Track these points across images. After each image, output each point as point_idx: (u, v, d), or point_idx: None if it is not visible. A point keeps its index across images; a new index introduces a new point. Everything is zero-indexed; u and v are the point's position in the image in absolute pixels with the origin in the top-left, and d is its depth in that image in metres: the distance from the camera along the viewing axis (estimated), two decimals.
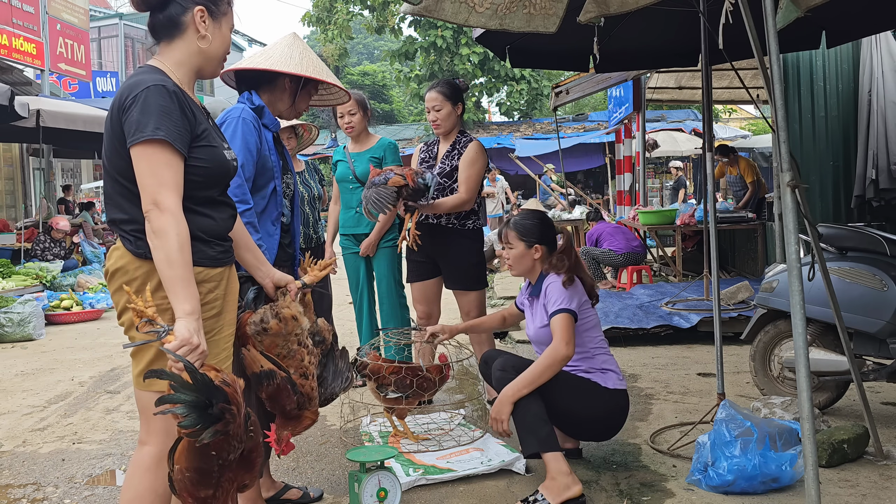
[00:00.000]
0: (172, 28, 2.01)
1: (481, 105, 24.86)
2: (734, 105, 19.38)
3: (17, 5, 13.60)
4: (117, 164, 1.95)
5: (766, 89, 2.35)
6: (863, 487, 2.85)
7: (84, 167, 22.43)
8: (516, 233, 3.19)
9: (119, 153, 1.93)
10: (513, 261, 3.21)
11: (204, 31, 2.02)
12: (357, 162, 4.24)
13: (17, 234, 10.70)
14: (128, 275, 1.94)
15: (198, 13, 2.00)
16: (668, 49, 4.93)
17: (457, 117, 3.91)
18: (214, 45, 2.05)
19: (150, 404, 1.87)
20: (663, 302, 6.22)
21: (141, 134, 1.85)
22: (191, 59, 2.03)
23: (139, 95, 1.88)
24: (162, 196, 1.84)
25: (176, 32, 2.02)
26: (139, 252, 1.93)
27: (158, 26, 2.03)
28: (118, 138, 1.92)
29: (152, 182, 1.85)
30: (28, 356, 6.04)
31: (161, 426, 1.94)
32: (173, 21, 2.01)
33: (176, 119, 1.90)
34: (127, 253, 1.95)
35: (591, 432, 3.09)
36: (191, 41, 2.02)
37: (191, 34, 2.02)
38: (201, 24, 2.01)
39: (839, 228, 3.79)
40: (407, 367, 3.38)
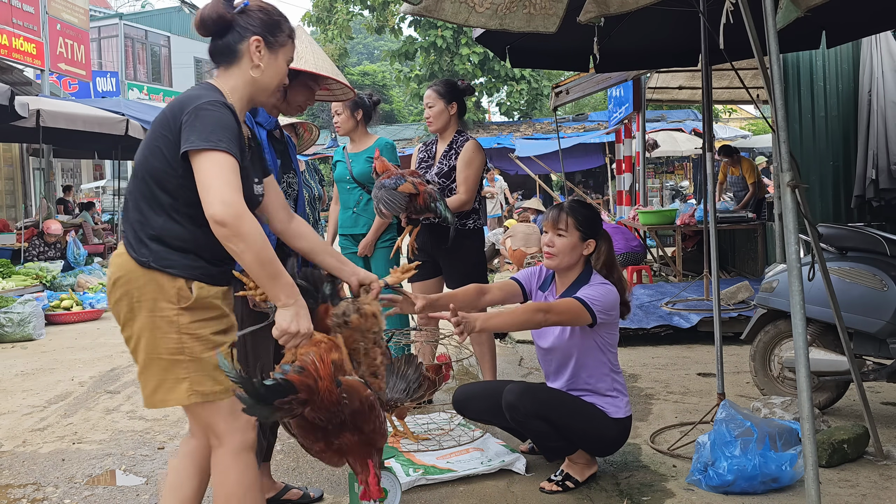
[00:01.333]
0: (229, 55, 2.04)
1: (481, 105, 24.86)
2: (734, 105, 19.39)
3: (17, 5, 13.60)
4: (152, 166, 1.94)
5: (766, 89, 2.35)
6: (863, 487, 2.85)
7: (84, 167, 22.44)
8: (575, 220, 2.87)
9: (160, 155, 1.92)
10: (560, 250, 2.86)
11: (258, 61, 2.03)
12: (354, 162, 4.24)
13: (17, 234, 10.70)
14: (130, 284, 1.94)
15: (254, 42, 2.02)
16: (669, 49, 4.93)
17: (449, 116, 3.90)
18: (267, 75, 2.06)
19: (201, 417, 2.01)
20: (663, 302, 6.22)
21: (208, 141, 1.84)
22: (244, 88, 2.05)
23: (205, 107, 1.89)
24: (233, 198, 1.81)
25: (233, 59, 2.04)
26: (142, 261, 1.92)
27: (217, 52, 2.06)
28: (164, 141, 1.92)
29: (219, 185, 1.82)
30: (28, 356, 6.04)
31: (224, 428, 2.00)
32: (230, 48, 2.03)
33: (236, 141, 1.92)
34: (130, 261, 1.95)
35: (589, 451, 2.99)
36: (245, 70, 2.04)
37: (245, 63, 2.03)
38: (256, 54, 2.03)
39: (839, 228, 3.79)
40: None
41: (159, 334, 1.92)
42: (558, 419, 2.82)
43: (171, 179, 1.92)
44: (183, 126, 1.88)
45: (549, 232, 2.91)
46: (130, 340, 1.98)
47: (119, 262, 1.97)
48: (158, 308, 1.91)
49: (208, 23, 2.02)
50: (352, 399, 2.05)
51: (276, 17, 2.07)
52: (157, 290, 1.91)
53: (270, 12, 2.08)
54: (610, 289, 2.84)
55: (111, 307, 2.01)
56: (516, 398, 2.83)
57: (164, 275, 1.91)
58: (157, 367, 1.94)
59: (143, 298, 1.92)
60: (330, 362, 2.01)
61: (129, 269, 1.94)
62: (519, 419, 2.85)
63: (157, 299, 1.91)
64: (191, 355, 1.93)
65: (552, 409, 2.83)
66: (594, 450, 2.97)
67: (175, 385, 1.94)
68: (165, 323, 1.91)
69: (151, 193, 1.94)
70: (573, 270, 2.91)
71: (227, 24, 2.02)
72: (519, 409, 2.82)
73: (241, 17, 2.03)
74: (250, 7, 2.05)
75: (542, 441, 2.92)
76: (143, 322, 1.93)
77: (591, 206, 3.02)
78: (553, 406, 2.84)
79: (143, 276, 1.92)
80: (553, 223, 2.90)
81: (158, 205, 1.93)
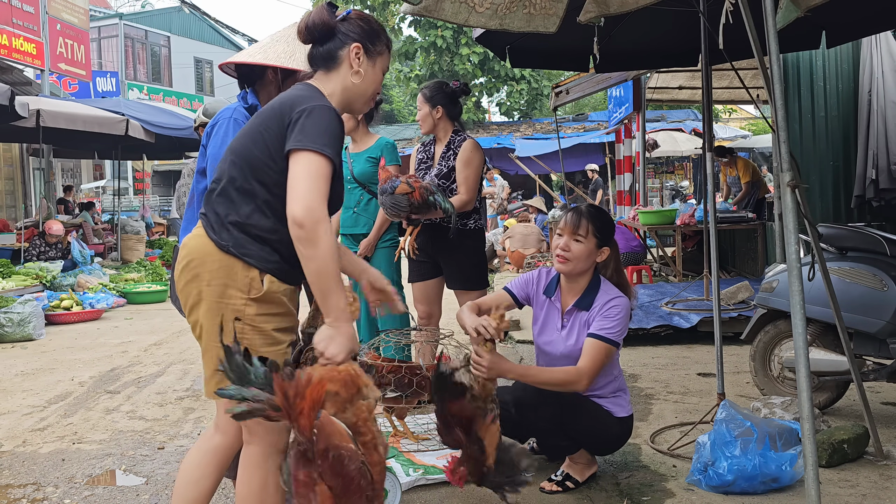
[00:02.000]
0: (330, 61, 2.11)
1: (481, 105, 24.86)
2: (734, 105, 19.39)
3: (17, 5, 13.59)
4: (253, 155, 1.97)
5: (766, 89, 2.35)
6: (863, 487, 2.85)
7: (84, 167, 22.42)
8: (594, 227, 2.80)
9: (263, 147, 1.97)
10: (576, 255, 2.79)
11: (357, 67, 2.10)
12: (355, 162, 4.25)
13: (17, 234, 10.70)
14: (203, 266, 1.95)
15: (354, 49, 2.09)
16: (669, 49, 4.93)
17: (434, 120, 3.89)
18: (366, 82, 2.13)
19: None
20: (663, 302, 6.22)
21: (312, 143, 1.90)
22: (342, 93, 2.11)
23: (315, 109, 1.95)
24: (317, 203, 1.86)
25: (332, 65, 2.11)
26: (222, 244, 1.95)
27: (318, 57, 2.13)
28: (270, 134, 1.96)
29: (307, 188, 1.87)
30: (28, 356, 6.04)
31: (259, 428, 1.99)
32: (331, 54, 2.10)
33: (338, 148, 1.98)
34: (209, 243, 1.96)
35: (592, 449, 2.99)
36: (345, 75, 2.10)
37: (345, 69, 2.10)
38: (356, 60, 2.10)
39: (839, 228, 3.79)
40: (406, 367, 3.38)
41: (224, 322, 1.93)
42: (565, 416, 2.82)
43: (270, 173, 1.96)
44: (293, 123, 1.94)
45: (566, 236, 2.82)
46: (196, 326, 2.00)
47: (194, 245, 1.99)
48: (227, 295, 1.93)
49: (313, 29, 2.10)
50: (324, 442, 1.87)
51: (375, 27, 2.17)
52: (229, 276, 1.93)
53: (371, 22, 2.18)
54: (622, 303, 2.79)
55: (179, 290, 2.01)
56: (524, 392, 2.83)
57: (240, 262, 1.94)
58: (215, 353, 1.93)
59: (213, 283, 1.94)
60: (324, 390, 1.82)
61: (206, 252, 1.95)
62: (526, 413, 2.83)
63: (227, 286, 1.93)
64: (250, 347, 1.91)
65: (560, 405, 2.82)
66: (597, 449, 2.97)
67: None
68: (231, 311, 1.93)
69: (245, 182, 1.97)
70: (583, 277, 2.86)
71: (330, 30, 2.10)
72: (526, 402, 2.82)
73: (343, 25, 2.11)
74: (352, 16, 2.14)
75: (546, 438, 2.91)
76: (208, 307, 1.95)
77: (608, 213, 2.96)
78: (561, 402, 2.83)
79: (219, 259, 1.94)
80: (573, 228, 2.81)
81: (250, 195, 1.96)
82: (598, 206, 3.01)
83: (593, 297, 2.82)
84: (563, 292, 2.92)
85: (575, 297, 2.88)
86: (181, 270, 2.00)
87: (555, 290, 2.94)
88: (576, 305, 2.85)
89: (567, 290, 2.91)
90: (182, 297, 2.02)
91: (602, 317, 2.76)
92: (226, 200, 1.99)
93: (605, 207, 9.51)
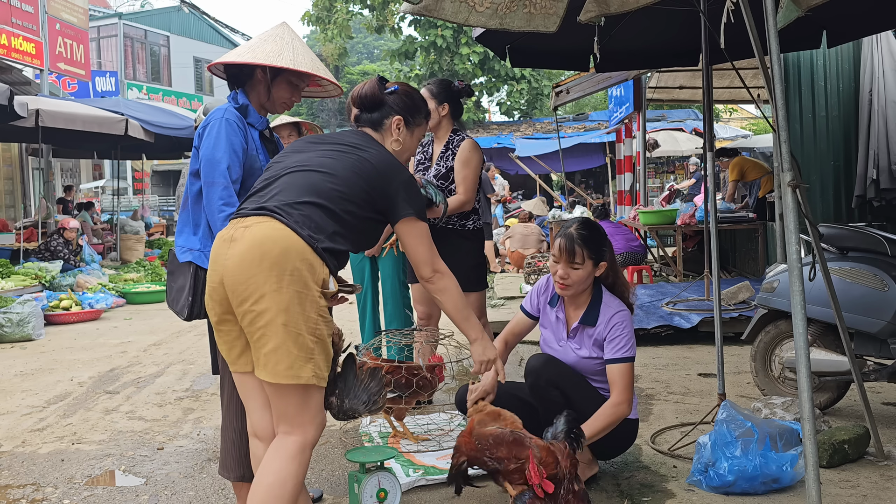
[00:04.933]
0: (376, 125, 2.40)
1: (481, 105, 24.84)
2: (735, 105, 19.36)
3: (17, 5, 13.58)
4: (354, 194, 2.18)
5: (766, 89, 2.34)
6: (863, 488, 2.84)
7: (83, 167, 22.42)
8: (589, 251, 2.81)
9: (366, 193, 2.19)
10: (576, 281, 2.83)
11: (397, 136, 2.40)
12: None
13: (17, 234, 10.69)
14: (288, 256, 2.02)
15: (396, 121, 2.40)
16: (669, 48, 4.93)
17: (440, 117, 3.87)
18: (403, 148, 2.43)
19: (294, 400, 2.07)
20: (664, 302, 6.21)
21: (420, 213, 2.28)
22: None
23: (411, 179, 2.29)
24: (440, 265, 2.31)
25: (377, 129, 2.40)
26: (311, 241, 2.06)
27: (365, 121, 2.42)
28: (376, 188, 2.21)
29: (428, 252, 2.30)
30: (27, 356, 6.03)
31: (306, 419, 2.09)
32: (378, 122, 2.40)
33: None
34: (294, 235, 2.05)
35: (595, 447, 2.97)
36: (387, 141, 2.39)
37: (387, 136, 2.40)
38: (396, 131, 2.40)
39: (840, 228, 3.78)
40: (405, 367, 3.37)
41: (303, 311, 2.02)
42: (576, 398, 2.84)
43: (359, 213, 2.19)
44: (398, 190, 2.24)
45: (562, 265, 2.83)
46: (266, 314, 2.00)
47: (273, 234, 2.04)
48: (309, 287, 2.03)
49: (364, 99, 2.40)
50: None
51: (418, 103, 2.47)
52: (311, 270, 2.04)
53: (414, 98, 2.46)
54: (625, 318, 2.86)
55: (247, 277, 2.01)
56: (541, 364, 2.88)
57: (320, 260, 2.07)
58: (293, 343, 2.01)
59: (296, 274, 2.01)
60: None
61: (291, 243, 2.03)
62: (540, 385, 2.86)
63: (309, 278, 2.03)
64: (320, 337, 2.06)
65: (573, 386, 2.86)
66: (599, 447, 2.96)
67: (305, 363, 2.04)
68: (311, 302, 2.03)
69: (339, 203, 2.16)
70: (584, 293, 2.92)
71: (378, 101, 2.40)
72: (542, 375, 2.86)
73: (390, 98, 2.41)
74: (399, 91, 2.43)
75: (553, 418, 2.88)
76: (290, 296, 2.00)
77: (596, 226, 2.94)
78: (575, 383, 2.88)
79: (303, 252, 2.04)
80: (568, 257, 2.81)
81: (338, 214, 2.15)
82: (587, 220, 2.96)
83: (597, 312, 2.89)
84: (567, 304, 2.98)
85: (578, 309, 2.93)
86: (254, 257, 2.01)
87: (558, 301, 2.99)
88: (581, 322, 2.91)
89: (570, 303, 2.97)
90: (250, 284, 2.01)
91: (611, 339, 2.84)
92: (318, 212, 2.12)
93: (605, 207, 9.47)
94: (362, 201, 2.20)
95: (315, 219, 2.11)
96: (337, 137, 2.35)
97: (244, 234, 2.06)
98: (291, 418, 2.09)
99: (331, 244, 2.11)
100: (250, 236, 2.05)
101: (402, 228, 2.28)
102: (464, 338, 3.15)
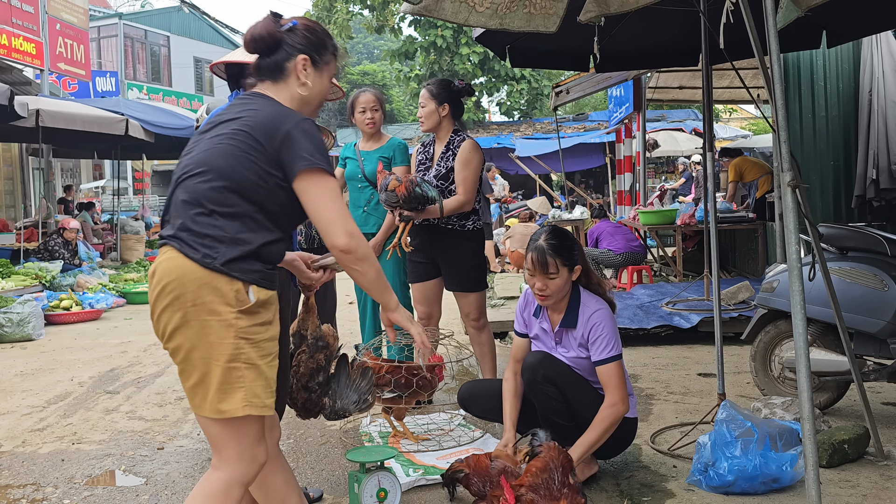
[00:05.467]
0: (277, 72, 2.09)
1: (481, 105, 24.84)
2: (735, 105, 19.37)
3: (17, 5, 13.59)
4: (239, 174, 1.92)
5: (766, 89, 2.34)
6: (863, 488, 2.84)
7: (83, 167, 22.43)
8: (561, 259, 2.83)
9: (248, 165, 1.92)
10: (555, 291, 2.85)
11: (304, 79, 2.10)
12: (367, 161, 4.21)
13: (17, 234, 10.69)
14: (184, 287, 1.86)
15: (301, 62, 2.08)
16: (669, 49, 4.93)
17: (440, 117, 3.87)
18: (313, 93, 2.13)
19: (220, 433, 1.91)
20: (664, 302, 6.21)
21: (319, 162, 1.95)
22: (290, 103, 2.09)
23: (306, 126, 1.98)
24: (352, 225, 1.98)
25: (279, 76, 2.10)
26: (206, 262, 1.86)
27: (264, 69, 2.11)
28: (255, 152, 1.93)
29: (337, 212, 1.97)
30: (27, 356, 6.04)
31: (234, 454, 1.92)
32: (279, 66, 2.09)
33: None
34: (187, 262, 1.87)
35: (596, 452, 2.97)
36: (291, 87, 2.10)
37: (292, 80, 2.09)
38: (302, 72, 2.09)
39: (840, 228, 3.78)
40: (405, 367, 3.37)
41: (216, 339, 1.85)
42: (572, 394, 2.86)
43: (261, 191, 1.93)
44: (285, 142, 1.94)
45: (538, 277, 2.85)
46: (181, 350, 1.89)
47: (170, 266, 1.89)
48: (216, 312, 1.85)
49: (259, 41, 2.08)
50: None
51: (322, 37, 2.14)
52: (215, 292, 1.86)
53: (317, 32, 2.14)
54: (603, 315, 2.89)
55: (156, 315, 1.92)
56: (539, 361, 2.90)
57: (224, 277, 1.87)
58: (214, 374, 1.86)
59: (198, 302, 1.85)
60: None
61: (185, 272, 1.87)
62: (537, 381, 2.88)
63: (214, 302, 1.85)
64: (247, 361, 1.88)
65: (570, 382, 2.88)
66: (601, 446, 2.96)
67: (230, 394, 1.87)
68: (223, 327, 1.85)
69: (225, 199, 1.92)
70: (565, 301, 2.95)
71: (276, 42, 2.08)
72: (539, 371, 2.87)
73: (289, 36, 2.09)
74: (298, 26, 2.11)
75: (550, 415, 2.90)
76: (198, 328, 1.86)
77: (565, 232, 2.98)
78: (571, 380, 2.89)
79: (201, 278, 1.86)
80: (542, 269, 2.83)
81: (237, 214, 1.91)
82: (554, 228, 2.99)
83: (576, 313, 2.92)
84: (549, 311, 3.02)
85: (559, 314, 2.98)
86: (157, 295, 1.90)
87: (541, 311, 3.03)
88: (562, 325, 2.95)
89: (552, 309, 3.01)
90: (161, 322, 1.91)
91: (593, 340, 2.86)
92: (203, 218, 1.91)
93: (603, 207, 9.47)
94: (255, 180, 1.93)
95: (210, 232, 1.89)
96: (223, 115, 2.07)
97: (154, 269, 1.95)
98: (219, 452, 1.94)
99: (237, 252, 1.88)
100: (155, 272, 1.93)
101: (300, 186, 1.95)
102: (464, 337, 3.14)
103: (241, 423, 1.90)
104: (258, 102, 2.04)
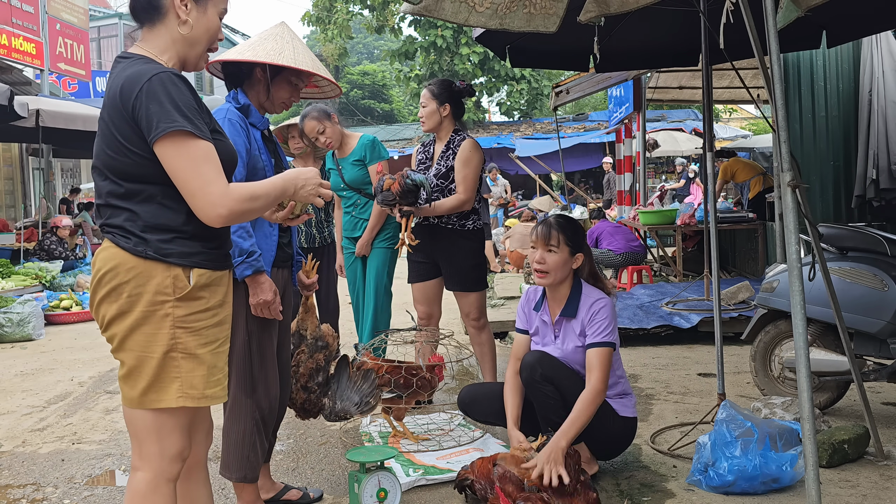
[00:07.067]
0: (152, 11, 1.87)
1: (481, 105, 24.84)
2: (735, 105, 19.38)
3: (17, 5, 13.59)
4: (119, 163, 1.79)
5: (766, 89, 2.34)
6: (863, 488, 2.84)
7: (84, 167, 22.40)
8: (565, 236, 2.88)
9: (123, 149, 1.78)
10: (553, 266, 2.88)
11: (185, 16, 1.86)
12: (344, 168, 4.29)
13: (17, 234, 10.69)
14: (119, 277, 1.78)
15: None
16: (669, 49, 4.92)
17: (441, 117, 3.88)
18: (197, 31, 1.89)
19: (144, 426, 1.82)
20: (664, 302, 6.21)
21: (168, 124, 1.72)
22: (173, 47, 1.89)
23: (153, 81, 1.75)
24: (217, 196, 1.75)
25: (156, 17, 1.87)
26: (138, 250, 1.78)
27: (139, 9, 1.88)
28: (122, 134, 1.77)
29: (199, 183, 1.74)
30: (27, 356, 6.04)
31: (155, 450, 1.83)
32: (153, 4, 1.86)
33: (197, 113, 1.80)
34: (121, 252, 1.79)
35: (593, 446, 3.00)
36: (172, 27, 1.87)
37: (171, 19, 1.87)
38: (181, 9, 1.86)
39: (840, 228, 3.78)
40: (405, 367, 3.37)
41: (151, 330, 1.78)
42: (569, 393, 2.85)
43: (145, 172, 1.78)
44: (139, 109, 1.74)
45: (539, 248, 2.91)
46: (115, 339, 1.82)
47: (106, 256, 1.81)
48: (151, 302, 1.77)
49: None
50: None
51: None
52: (150, 280, 1.77)
53: None
54: (605, 303, 2.90)
55: (94, 306, 1.85)
56: (537, 360, 2.90)
57: (161, 264, 1.78)
58: (148, 365, 1.79)
59: (134, 292, 1.77)
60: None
61: (120, 262, 1.78)
62: (535, 379, 2.88)
63: (150, 292, 1.77)
64: (184, 351, 1.79)
65: (568, 381, 2.88)
66: (598, 446, 2.97)
67: (166, 385, 1.79)
68: (159, 318, 1.78)
69: (121, 189, 1.80)
70: (564, 285, 2.96)
71: None
72: (537, 370, 2.87)
73: None
74: None
75: (547, 413, 2.90)
76: (134, 318, 1.78)
77: (575, 221, 3.04)
78: (569, 379, 2.89)
79: (134, 266, 1.78)
80: (544, 239, 2.89)
81: (143, 197, 1.80)
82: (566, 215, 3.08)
83: (577, 303, 2.93)
84: (550, 303, 3.02)
85: (560, 305, 2.97)
86: (95, 286, 1.83)
87: (542, 305, 3.04)
88: (562, 315, 2.95)
89: (552, 300, 3.00)
90: (99, 313, 1.84)
91: (592, 324, 2.87)
92: (124, 215, 1.80)
93: (602, 208, 9.47)
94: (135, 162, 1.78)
95: (129, 226, 1.79)
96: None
97: (94, 259, 1.86)
98: (140, 448, 1.84)
99: (165, 236, 1.79)
100: (95, 263, 1.85)
101: (162, 152, 1.74)
102: (464, 337, 3.14)
103: (171, 415, 1.82)
104: (117, 69, 1.84)
